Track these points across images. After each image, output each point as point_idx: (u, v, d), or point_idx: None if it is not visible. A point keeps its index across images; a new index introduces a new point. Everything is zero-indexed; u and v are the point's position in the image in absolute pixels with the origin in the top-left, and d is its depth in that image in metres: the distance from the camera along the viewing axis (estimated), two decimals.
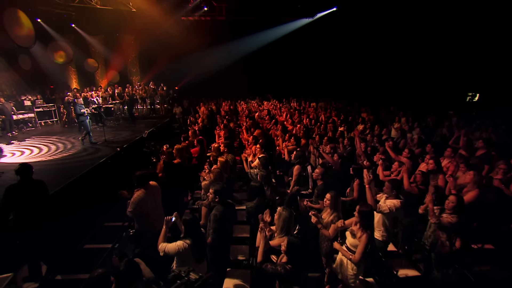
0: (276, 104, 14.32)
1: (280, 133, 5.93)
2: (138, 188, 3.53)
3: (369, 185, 3.37)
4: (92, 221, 5.33)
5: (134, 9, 15.89)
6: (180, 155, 4.89)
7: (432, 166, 4.31)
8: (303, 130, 7.23)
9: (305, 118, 10.07)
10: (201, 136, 7.06)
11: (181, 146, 5.00)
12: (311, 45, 18.02)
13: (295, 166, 4.63)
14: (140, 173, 3.55)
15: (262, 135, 6.51)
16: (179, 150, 4.89)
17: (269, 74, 18.69)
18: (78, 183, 5.82)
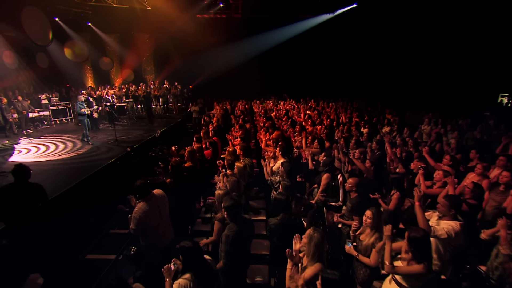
0: (293, 104, 13.70)
1: (304, 135, 5.35)
2: (140, 199, 3.05)
3: (419, 203, 2.73)
4: (97, 227, 4.94)
5: (149, 7, 15.72)
6: (191, 158, 4.41)
7: (507, 179, 3.53)
8: (325, 132, 6.60)
9: (325, 119, 9.42)
10: (215, 137, 6.59)
11: (192, 148, 4.51)
12: (329, 43, 17.24)
13: (324, 175, 4.04)
14: (141, 182, 3.07)
15: (281, 137, 5.94)
16: (191, 153, 4.41)
17: (285, 73, 18.08)
18: (83, 186, 5.46)
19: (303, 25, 16.43)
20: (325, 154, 4.61)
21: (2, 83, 13.03)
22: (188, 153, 4.44)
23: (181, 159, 4.41)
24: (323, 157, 4.61)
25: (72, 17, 14.89)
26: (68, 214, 4.81)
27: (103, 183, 5.74)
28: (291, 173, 3.71)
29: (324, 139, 6.18)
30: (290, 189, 3.20)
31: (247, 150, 4.57)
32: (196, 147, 5.14)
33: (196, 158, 4.52)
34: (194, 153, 4.50)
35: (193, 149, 4.50)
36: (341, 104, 14.44)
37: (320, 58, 17.58)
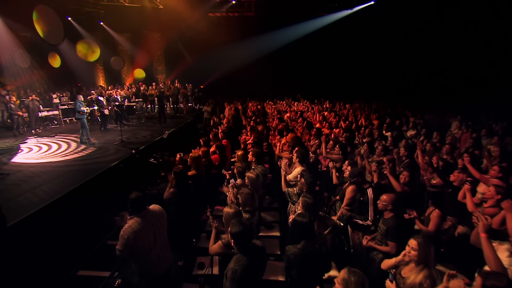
0: (307, 105, 13.06)
1: (324, 140, 4.75)
2: (132, 215, 2.56)
3: (487, 234, 2.10)
4: (93, 237, 4.51)
5: (161, 6, 15.47)
6: (195, 165, 3.91)
7: None
8: (344, 135, 5.97)
9: (342, 122, 8.76)
10: (225, 140, 6.09)
11: (196, 153, 4.00)
12: (344, 41, 16.43)
13: (350, 187, 3.44)
14: (137, 195, 2.57)
15: (296, 141, 5.36)
16: (195, 159, 3.91)
17: (298, 72, 17.42)
18: (81, 191, 5.06)
19: (318, 23, 15.76)
20: (349, 162, 4.00)
21: (15, 82, 13.05)
22: (191, 160, 3.93)
23: (185, 166, 3.90)
24: (347, 166, 4.00)
25: (85, 17, 14.83)
26: (62, 222, 4.41)
27: (103, 188, 5.32)
28: (313, 186, 3.13)
29: (344, 143, 5.57)
30: (313, 208, 2.63)
31: (260, 156, 4.02)
32: (202, 152, 4.63)
33: (201, 165, 4.01)
34: (199, 159, 3.99)
35: (197, 155, 3.98)
36: (358, 106, 13.70)
37: (335, 57, 16.81)
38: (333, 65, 16.83)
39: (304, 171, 3.53)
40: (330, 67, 16.91)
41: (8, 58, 12.08)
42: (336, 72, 16.81)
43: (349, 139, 5.62)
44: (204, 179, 3.96)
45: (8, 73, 12.51)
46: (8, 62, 12.21)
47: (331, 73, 16.89)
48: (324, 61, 16.94)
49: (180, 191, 3.45)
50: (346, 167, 4.02)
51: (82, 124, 8.27)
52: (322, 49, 16.65)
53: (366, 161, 4.41)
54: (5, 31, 11.94)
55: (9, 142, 8.98)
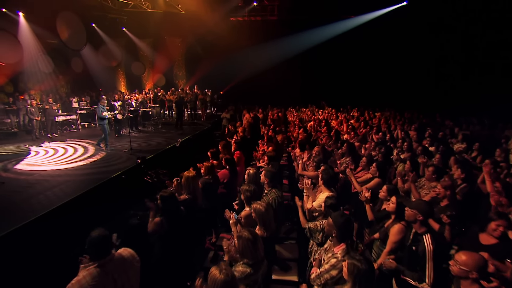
0: (332, 112, 12.03)
1: (365, 164, 3.85)
2: (90, 262, 1.81)
3: None
4: None
5: (182, 11, 15.30)
6: (189, 188, 3.13)
7: None
8: (381, 151, 4.95)
9: (374, 134, 7.67)
10: (238, 152, 5.30)
11: (191, 173, 3.20)
12: (373, 45, 15.21)
13: (396, 227, 2.49)
14: (98, 234, 1.83)
15: (323, 153, 4.45)
16: (188, 180, 3.13)
17: (323, 78, 16.37)
18: (72, 206, 4.45)
19: (345, 25, 14.70)
20: (390, 188, 3.03)
21: (39, 86, 13.26)
22: (184, 181, 3.15)
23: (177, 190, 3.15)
24: (385, 194, 3.04)
25: (108, 23, 14.93)
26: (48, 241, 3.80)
27: (97, 203, 4.69)
28: (347, 230, 2.18)
29: (381, 160, 4.57)
30: (367, 277, 1.67)
31: (275, 177, 3.15)
32: (205, 167, 3.86)
33: (197, 186, 3.21)
34: (193, 180, 3.19)
35: (191, 176, 3.18)
36: (389, 114, 12.42)
37: (363, 61, 15.61)
38: (360, 70, 15.65)
39: (330, 199, 2.63)
40: (357, 72, 15.74)
41: (32, 63, 12.26)
42: (364, 77, 15.60)
43: (386, 156, 4.60)
44: (200, 205, 3.15)
45: (32, 78, 12.72)
46: (32, 68, 12.39)
47: (358, 79, 15.69)
48: (351, 65, 15.80)
49: (168, 221, 2.68)
50: (386, 194, 3.05)
51: (102, 130, 7.89)
52: (349, 53, 15.53)
53: (413, 187, 3.40)
54: (31, 37, 12.15)
55: (23, 146, 8.83)
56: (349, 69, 15.84)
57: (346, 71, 15.91)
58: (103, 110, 7.70)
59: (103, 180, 5.34)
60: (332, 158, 5.97)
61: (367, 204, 3.18)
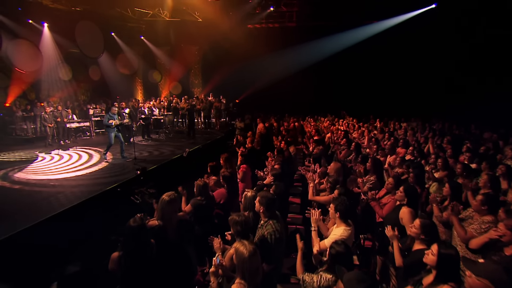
0: (353, 123, 11.13)
1: (392, 186, 3.12)
2: None
3: None
4: None
5: (200, 19, 15.18)
6: (162, 212, 2.52)
7: None
8: (411, 170, 4.12)
9: (401, 147, 6.78)
10: (244, 165, 4.68)
11: (168, 196, 2.55)
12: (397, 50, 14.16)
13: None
14: None
15: (339, 172, 3.73)
16: (163, 204, 2.51)
17: (344, 86, 15.49)
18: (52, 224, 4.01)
19: (367, 31, 13.82)
20: (424, 222, 2.28)
21: (58, 94, 13.52)
22: (159, 208, 2.52)
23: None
24: (418, 231, 2.28)
25: (127, 31, 15.13)
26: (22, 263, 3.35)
27: (81, 223, 4.22)
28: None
29: (412, 182, 3.76)
30: None
31: (273, 205, 2.46)
32: (196, 186, 3.27)
33: (173, 213, 2.57)
34: (168, 205, 2.55)
35: (167, 199, 2.55)
36: (416, 125, 11.32)
37: (387, 68, 14.59)
38: (383, 78, 14.64)
39: (338, 246, 1.91)
40: (380, 80, 14.74)
41: (52, 71, 12.51)
42: (387, 85, 14.55)
43: (418, 177, 3.77)
44: (171, 237, 2.51)
45: (51, 86, 12.98)
46: (51, 75, 12.64)
47: (381, 87, 14.67)
48: (373, 73, 14.85)
49: (131, 256, 2.08)
50: (420, 232, 2.28)
51: (108, 138, 7.62)
52: (372, 59, 14.61)
53: (456, 222, 2.59)
54: (52, 46, 12.44)
55: (33, 152, 8.78)
56: (372, 76, 14.90)
57: (369, 79, 14.98)
58: (110, 118, 7.42)
59: (96, 193, 4.91)
60: (352, 176, 5.20)
61: (394, 243, 2.42)
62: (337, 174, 3.59)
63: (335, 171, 3.65)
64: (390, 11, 12.99)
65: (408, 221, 2.71)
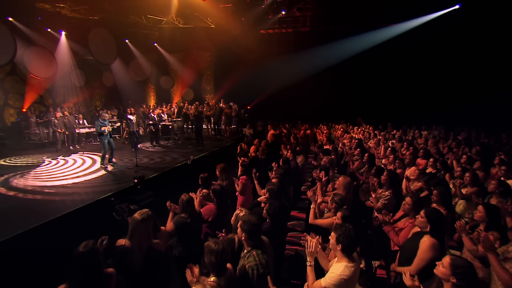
0: (369, 130, 10.46)
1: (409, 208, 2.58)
2: None
3: None
4: None
5: (212, 25, 15.11)
6: (132, 233, 2.11)
7: None
8: (433, 189, 3.51)
9: (420, 158, 6.13)
10: (244, 177, 4.26)
11: (141, 214, 2.14)
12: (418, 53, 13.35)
13: None
14: None
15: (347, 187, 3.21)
16: (134, 224, 2.10)
17: (360, 91, 14.79)
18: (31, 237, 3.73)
19: (386, 33, 13.11)
20: (452, 264, 1.75)
21: (72, 99, 13.76)
22: (130, 227, 2.09)
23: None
24: (448, 272, 1.75)
25: (140, 38, 15.29)
26: None
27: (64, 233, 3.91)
28: None
29: (435, 200, 3.18)
30: None
31: (256, 231, 2.00)
32: (181, 202, 2.88)
33: (145, 240, 2.15)
34: (141, 224, 2.12)
35: (139, 218, 2.13)
36: (438, 134, 10.48)
37: (406, 72, 13.78)
38: (402, 82, 13.83)
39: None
40: (399, 85, 13.93)
41: (66, 77, 12.76)
42: (407, 90, 13.72)
43: (445, 197, 3.17)
44: (142, 259, 2.10)
45: (66, 92, 13.23)
46: (66, 82, 12.89)
47: (400, 92, 13.84)
48: (391, 77, 14.07)
49: None
50: (450, 273, 1.75)
51: (102, 146, 7.48)
52: (389, 63, 13.87)
53: (495, 262, 2.02)
54: (67, 53, 12.71)
55: (41, 157, 8.80)
56: (390, 81, 14.12)
57: (387, 83, 14.21)
58: (101, 125, 7.26)
59: (86, 203, 4.63)
60: (364, 186, 4.64)
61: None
62: (345, 191, 3.08)
63: (343, 187, 3.13)
64: (411, 13, 12.27)
65: (431, 255, 2.17)
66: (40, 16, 11.88)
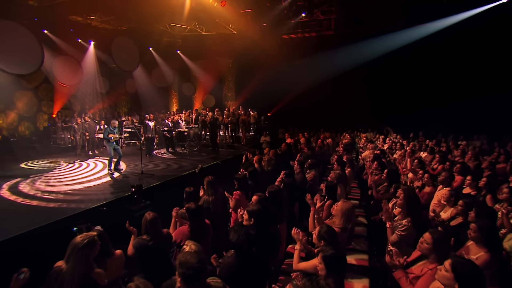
0: (398, 140, 9.43)
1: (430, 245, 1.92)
2: None
3: None
4: None
5: (234, 32, 15.00)
6: (69, 256, 1.72)
7: None
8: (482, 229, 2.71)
9: (457, 173, 5.21)
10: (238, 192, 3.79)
11: (78, 241, 1.76)
12: (457, 53, 11.91)
13: None
14: None
15: (347, 221, 2.58)
16: (72, 248, 1.72)
17: (390, 96, 13.61)
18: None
19: (417, 32, 11.90)
20: None
21: (99, 105, 14.32)
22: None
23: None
24: None
25: (164, 46, 15.61)
26: None
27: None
28: None
29: (473, 237, 2.43)
30: None
31: (195, 279, 1.49)
32: (144, 221, 2.47)
33: (79, 268, 1.76)
34: (84, 249, 1.72)
35: (76, 242, 1.75)
36: (480, 145, 9.13)
37: (443, 74, 12.41)
38: (438, 86, 12.50)
39: None
40: (434, 89, 12.61)
41: (91, 85, 13.29)
42: (443, 95, 12.34)
43: (488, 233, 2.39)
44: None
45: (92, 98, 13.79)
46: (91, 89, 13.43)
47: (435, 97, 12.49)
48: (425, 80, 12.78)
49: None
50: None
51: (108, 153, 7.44)
52: (423, 64, 12.62)
53: None
54: (94, 62, 13.27)
55: (59, 161, 9.05)
56: (424, 84, 12.83)
57: (420, 87, 12.92)
58: (110, 132, 7.20)
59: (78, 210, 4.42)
60: None
61: None
62: (344, 220, 2.44)
63: (341, 215, 2.49)
64: (448, 9, 11.00)
65: None
66: (72, 28, 12.54)
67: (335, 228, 2.36)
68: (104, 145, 11.42)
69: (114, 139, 7.15)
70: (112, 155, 7.26)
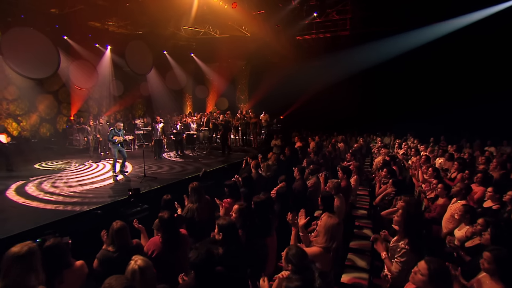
0: (415, 145, 8.82)
1: None
2: None
3: None
4: None
5: (248, 34, 14.89)
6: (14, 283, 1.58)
7: None
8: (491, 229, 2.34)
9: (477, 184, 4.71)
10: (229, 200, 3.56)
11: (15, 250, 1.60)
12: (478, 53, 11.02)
13: None
14: None
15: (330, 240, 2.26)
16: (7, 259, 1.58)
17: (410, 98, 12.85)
18: None
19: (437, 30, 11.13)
20: None
21: (115, 108, 14.68)
22: None
23: None
24: None
25: (178, 49, 15.80)
26: None
27: None
28: None
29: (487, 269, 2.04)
30: None
31: None
32: (111, 231, 2.30)
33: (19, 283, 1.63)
34: (16, 262, 1.56)
35: (17, 255, 1.55)
36: (510, 151, 8.32)
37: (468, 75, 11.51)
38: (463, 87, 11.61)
39: None
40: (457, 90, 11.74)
41: (105, 88, 13.65)
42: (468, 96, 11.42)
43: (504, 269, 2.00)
44: None
45: (107, 101, 14.16)
46: (105, 92, 13.80)
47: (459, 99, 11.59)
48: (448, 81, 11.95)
49: None
50: None
51: (113, 155, 7.50)
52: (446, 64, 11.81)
53: None
54: (109, 65, 13.63)
55: (71, 162, 9.27)
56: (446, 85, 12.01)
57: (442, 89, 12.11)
58: (115, 134, 7.23)
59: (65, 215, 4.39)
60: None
61: None
62: (327, 238, 2.13)
63: (325, 232, 2.17)
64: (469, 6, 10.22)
65: None
66: (91, 33, 12.96)
67: (317, 247, 2.07)
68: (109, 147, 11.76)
69: (118, 141, 7.19)
70: (116, 157, 7.30)
